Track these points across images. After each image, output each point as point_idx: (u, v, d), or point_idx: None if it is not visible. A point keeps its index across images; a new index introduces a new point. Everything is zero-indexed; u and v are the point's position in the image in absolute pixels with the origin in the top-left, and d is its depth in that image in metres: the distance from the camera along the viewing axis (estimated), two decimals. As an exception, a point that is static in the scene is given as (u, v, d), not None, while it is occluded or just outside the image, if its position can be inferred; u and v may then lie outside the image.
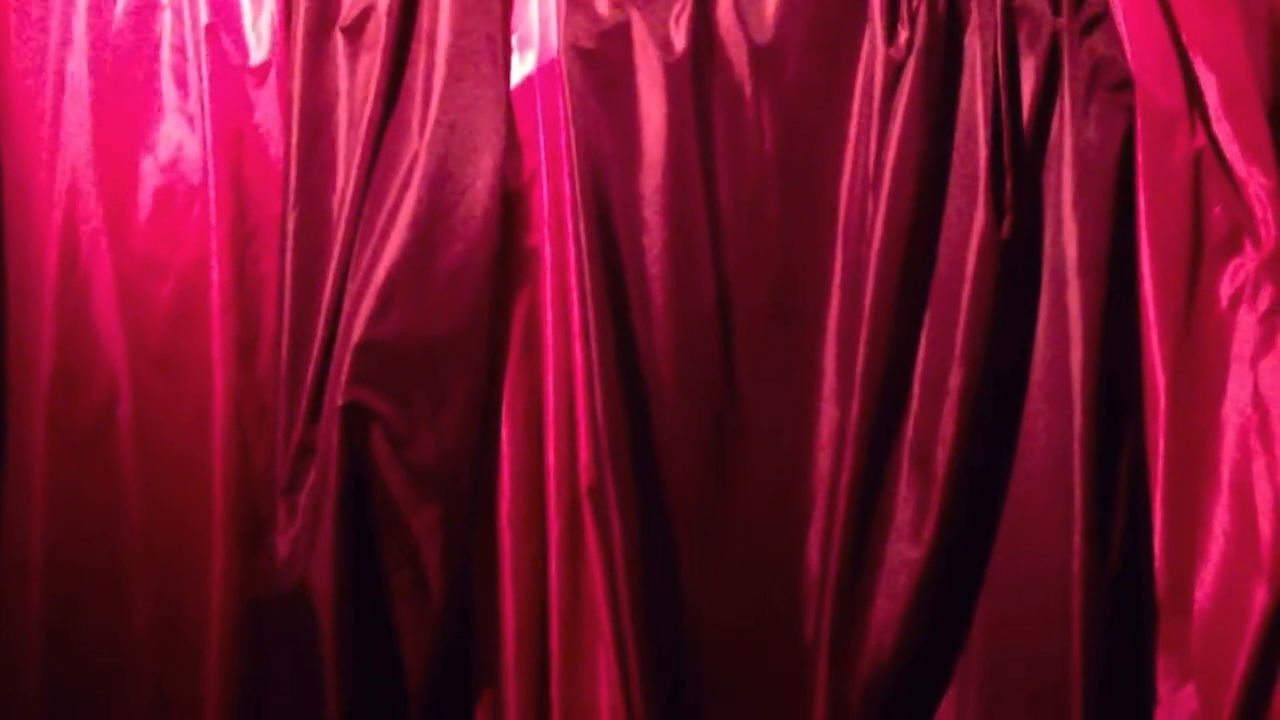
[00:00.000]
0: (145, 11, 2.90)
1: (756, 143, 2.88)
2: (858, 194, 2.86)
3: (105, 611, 2.83)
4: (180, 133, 2.89)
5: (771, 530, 2.85)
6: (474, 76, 2.85)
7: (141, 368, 2.86)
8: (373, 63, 2.86)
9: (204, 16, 2.88)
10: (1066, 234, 2.80)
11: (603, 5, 2.88)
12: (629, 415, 2.79)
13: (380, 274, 2.77)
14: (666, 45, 2.87)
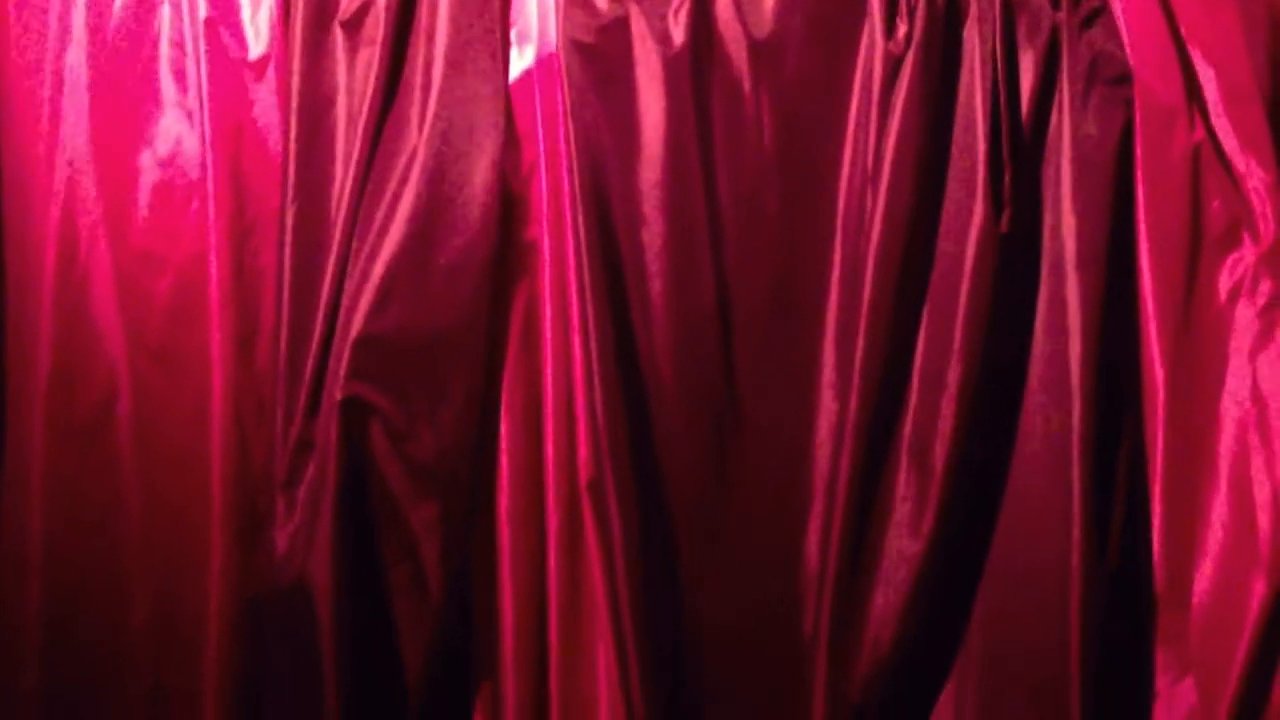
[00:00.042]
0: (144, 6, 2.89)
1: (755, 137, 2.88)
2: (857, 188, 2.86)
3: (104, 606, 2.83)
4: (179, 127, 2.89)
5: (770, 525, 2.85)
6: (473, 71, 2.85)
7: (140, 362, 2.85)
8: (372, 57, 2.85)
9: (203, 11, 2.88)
10: (1065, 228, 2.80)
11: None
12: (628, 410, 2.78)
13: (379, 268, 2.77)
14: (665, 39, 2.87)
